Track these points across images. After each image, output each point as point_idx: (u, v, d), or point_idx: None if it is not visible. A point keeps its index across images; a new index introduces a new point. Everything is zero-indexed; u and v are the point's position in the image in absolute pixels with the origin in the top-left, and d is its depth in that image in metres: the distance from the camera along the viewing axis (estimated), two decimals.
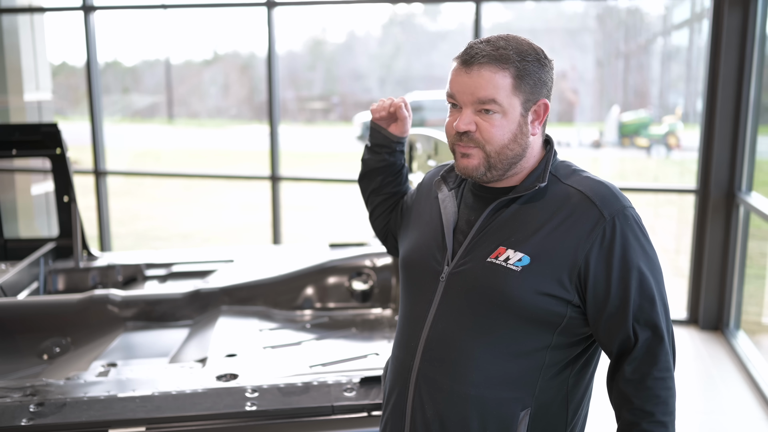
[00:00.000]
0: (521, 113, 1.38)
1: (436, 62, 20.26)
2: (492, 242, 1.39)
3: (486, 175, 1.41)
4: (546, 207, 1.39)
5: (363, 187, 1.91)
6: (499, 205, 1.43)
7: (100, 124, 5.47)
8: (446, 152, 2.62)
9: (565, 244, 1.34)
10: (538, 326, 1.36)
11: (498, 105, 1.36)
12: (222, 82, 22.61)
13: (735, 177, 4.44)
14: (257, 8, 5.06)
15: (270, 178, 5.15)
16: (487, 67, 1.36)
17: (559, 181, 1.42)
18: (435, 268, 1.45)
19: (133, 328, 2.68)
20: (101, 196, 5.57)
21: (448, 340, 1.40)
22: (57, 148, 3.28)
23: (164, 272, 3.32)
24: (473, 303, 1.38)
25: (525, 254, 1.35)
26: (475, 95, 1.36)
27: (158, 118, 21.62)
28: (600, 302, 1.34)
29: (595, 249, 1.33)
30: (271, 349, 2.37)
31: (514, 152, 1.40)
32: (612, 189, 1.38)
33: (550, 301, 1.34)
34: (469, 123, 1.38)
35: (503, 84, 1.36)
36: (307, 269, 2.81)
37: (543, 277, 1.33)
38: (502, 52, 1.36)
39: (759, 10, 4.20)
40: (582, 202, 1.37)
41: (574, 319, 1.37)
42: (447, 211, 1.49)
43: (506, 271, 1.35)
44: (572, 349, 1.41)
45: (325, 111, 21.43)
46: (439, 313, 1.42)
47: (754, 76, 4.25)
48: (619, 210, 1.35)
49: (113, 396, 1.96)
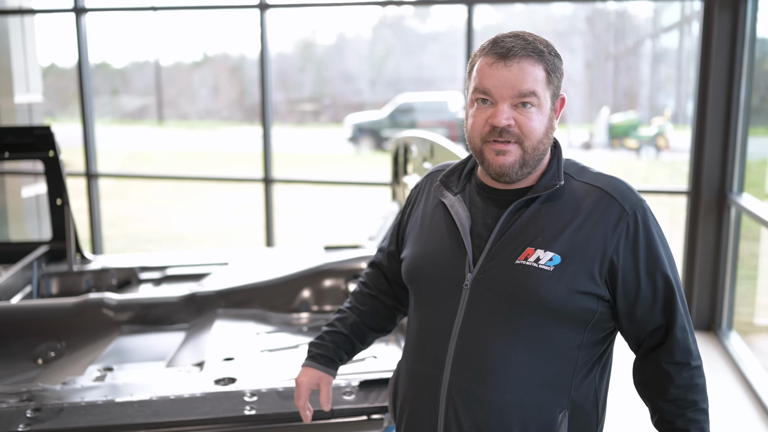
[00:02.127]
0: (550, 107, 1.40)
1: (426, 64, 20.29)
2: (517, 244, 1.37)
3: (518, 172, 1.39)
4: (567, 205, 1.39)
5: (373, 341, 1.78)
6: (518, 206, 1.41)
7: (91, 126, 5.44)
8: (443, 155, 2.62)
9: (593, 240, 1.34)
10: (571, 324, 1.36)
11: (537, 98, 1.35)
12: (212, 83, 22.55)
13: (726, 178, 4.47)
14: (248, 10, 5.06)
15: (263, 180, 5.14)
16: (526, 60, 1.35)
17: (572, 178, 1.43)
18: (454, 276, 1.41)
19: (129, 332, 2.67)
20: (93, 198, 5.54)
21: (480, 349, 1.37)
22: (50, 150, 3.26)
23: (159, 275, 3.30)
24: (504, 308, 1.36)
25: (555, 253, 1.34)
26: (516, 88, 1.34)
27: (148, 119, 21.53)
28: (631, 295, 1.36)
29: (622, 243, 1.35)
30: (268, 352, 2.36)
31: (545, 146, 1.40)
32: (625, 183, 1.41)
33: (583, 298, 1.34)
34: (509, 117, 1.35)
35: (540, 77, 1.36)
36: (303, 272, 2.80)
37: (576, 274, 1.34)
38: (535, 45, 1.36)
39: (749, 12, 4.23)
40: (603, 197, 1.38)
41: (603, 314, 1.38)
42: (459, 216, 1.44)
43: (538, 272, 1.34)
44: (599, 347, 1.42)
45: (316, 113, 21.41)
46: (467, 321, 1.39)
47: (744, 78, 4.29)
48: (638, 203, 1.38)
49: (111, 401, 1.95)
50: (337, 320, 1.71)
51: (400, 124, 15.56)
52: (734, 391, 3.80)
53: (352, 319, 1.71)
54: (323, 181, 6.64)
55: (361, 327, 1.70)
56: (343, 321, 1.70)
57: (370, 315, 1.72)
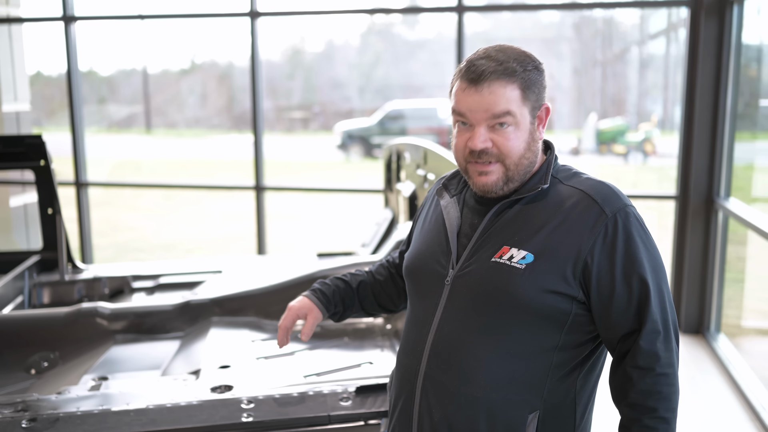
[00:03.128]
0: (530, 121, 1.41)
1: (415, 71, 20.37)
2: (496, 243, 1.41)
3: (504, 188, 1.43)
4: (548, 206, 1.41)
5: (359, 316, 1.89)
6: (502, 207, 1.44)
7: (81, 135, 5.43)
8: (436, 161, 2.64)
9: (568, 241, 1.35)
10: (545, 325, 1.37)
11: (512, 117, 1.38)
12: (200, 91, 22.51)
13: (713, 183, 4.52)
14: (238, 18, 5.07)
15: (255, 188, 5.14)
16: (496, 82, 1.37)
17: (560, 182, 1.45)
18: (440, 273, 1.47)
19: (123, 341, 2.66)
20: (83, 207, 5.52)
21: (454, 343, 1.41)
22: (41, 159, 3.25)
23: (152, 284, 3.30)
24: (479, 304, 1.39)
25: (528, 252, 1.36)
26: (489, 111, 1.37)
27: (136, 128, 21.45)
28: (604, 298, 1.36)
29: (598, 245, 1.35)
30: (264, 359, 2.36)
31: (529, 160, 1.43)
32: (613, 188, 1.41)
33: (555, 297, 1.35)
34: (485, 140, 1.39)
35: (513, 96, 1.38)
36: (298, 279, 2.80)
37: (547, 273, 1.35)
38: (507, 65, 1.38)
39: (734, 19, 4.29)
40: (583, 200, 1.39)
41: (580, 317, 1.38)
42: (450, 216, 1.51)
43: (510, 269, 1.36)
44: (580, 350, 1.42)
45: (305, 120, 21.42)
46: (445, 316, 1.43)
47: (731, 85, 4.34)
48: (621, 208, 1.37)
49: (107, 410, 1.94)
50: (350, 274, 1.83)
51: (390, 131, 15.59)
52: (723, 392, 3.84)
53: (363, 278, 1.81)
54: (315, 189, 6.66)
55: (369, 290, 1.80)
56: (355, 276, 1.82)
57: (381, 284, 1.80)
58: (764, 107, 4.85)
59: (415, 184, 2.97)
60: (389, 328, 2.64)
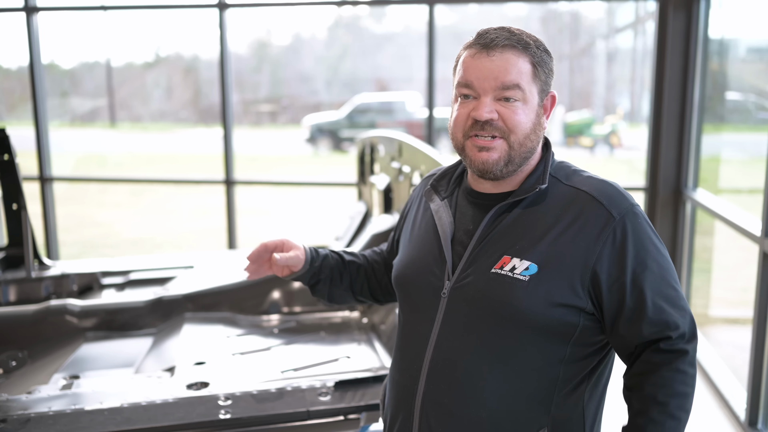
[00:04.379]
0: (538, 103, 1.32)
1: (383, 64, 20.34)
2: (495, 251, 1.30)
3: (503, 170, 1.32)
4: (550, 210, 1.30)
5: (343, 301, 1.71)
6: (499, 211, 1.33)
7: (45, 129, 5.30)
8: (411, 154, 2.63)
9: (575, 248, 1.25)
10: (550, 339, 1.27)
11: (521, 91, 1.28)
12: (165, 84, 22.19)
13: (681, 174, 4.59)
14: (204, 10, 4.98)
15: (225, 182, 5.07)
16: (509, 50, 1.29)
17: (559, 182, 1.34)
18: (434, 284, 1.35)
19: (94, 338, 2.60)
20: (47, 203, 5.39)
21: (454, 361, 1.30)
22: (5, 154, 3.16)
23: (121, 280, 3.23)
24: (479, 318, 1.29)
25: (532, 262, 1.26)
26: (499, 80, 1.28)
27: (100, 122, 21.06)
28: (616, 306, 1.26)
29: (607, 250, 1.25)
30: (240, 355, 2.33)
31: (532, 144, 1.33)
32: (617, 188, 1.31)
33: (562, 311, 1.25)
34: (491, 111, 1.28)
35: (525, 69, 1.29)
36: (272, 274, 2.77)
37: (553, 285, 1.24)
38: (521, 38, 1.30)
39: (701, 13, 4.35)
40: (589, 202, 1.29)
41: (587, 328, 1.28)
42: (442, 222, 1.39)
43: (513, 281, 1.26)
44: (587, 361, 1.32)
45: (273, 114, 21.26)
46: (443, 332, 1.32)
47: (698, 77, 4.40)
48: (628, 208, 1.28)
49: (80, 409, 1.90)
50: (345, 251, 1.68)
51: (359, 124, 15.56)
52: None
53: (358, 260, 1.66)
54: (287, 182, 6.59)
55: (362, 272, 1.66)
56: (350, 254, 1.67)
57: (374, 272, 1.67)
58: (729, 100, 4.94)
59: (389, 177, 2.96)
60: (365, 321, 2.63)
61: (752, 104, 4.98)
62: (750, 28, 4.88)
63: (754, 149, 5.13)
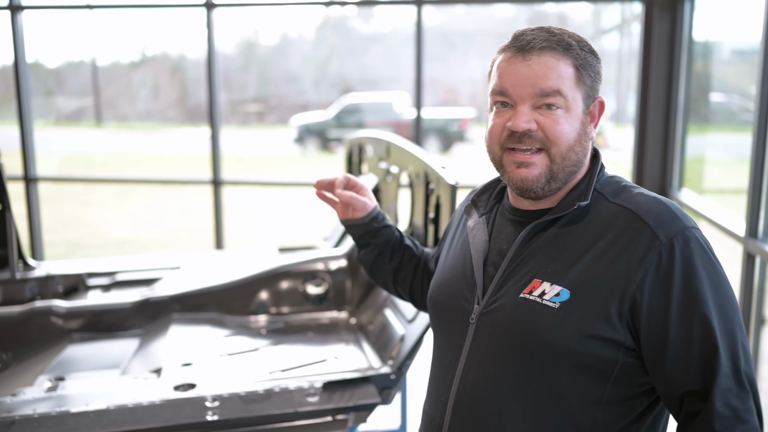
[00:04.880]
0: (583, 110, 1.19)
1: (370, 65, 20.34)
2: (526, 274, 1.17)
3: (545, 187, 1.19)
4: (589, 230, 1.16)
5: (383, 281, 1.66)
6: (535, 229, 1.20)
7: (30, 128, 5.25)
8: (399, 154, 2.63)
9: (613, 274, 1.10)
10: (586, 376, 1.12)
11: (563, 98, 1.15)
12: (151, 84, 22.08)
13: (667, 175, 4.62)
14: (191, 9, 4.96)
15: (212, 182, 5.05)
16: (548, 53, 1.16)
17: (605, 199, 1.19)
18: (464, 308, 1.24)
19: (79, 339, 2.58)
20: (32, 203, 5.35)
21: (479, 395, 1.18)
22: None
23: (107, 281, 3.21)
24: (506, 349, 1.16)
25: (564, 287, 1.12)
26: (537, 86, 1.15)
27: (85, 121, 20.92)
28: (657, 344, 1.09)
29: (650, 278, 1.09)
30: (227, 356, 2.32)
31: (578, 157, 1.19)
32: (670, 206, 1.14)
33: (596, 344, 1.10)
34: (529, 120, 1.16)
35: (567, 73, 1.16)
36: (260, 274, 2.77)
37: (586, 314, 1.10)
38: (561, 38, 1.17)
39: (686, 15, 4.39)
40: (632, 222, 1.13)
41: (629, 366, 1.12)
42: (476, 241, 1.28)
43: (542, 308, 1.12)
44: (633, 404, 1.15)
45: (260, 114, 21.21)
46: (470, 361, 1.20)
47: (683, 78, 4.44)
48: (679, 231, 1.11)
49: (66, 411, 1.88)
50: (408, 236, 1.65)
51: (347, 124, 15.55)
52: None
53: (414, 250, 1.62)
54: (275, 183, 6.58)
55: (412, 263, 1.61)
56: (411, 239, 1.64)
57: (423, 270, 1.61)
58: (714, 102, 4.99)
59: (377, 177, 2.96)
60: (353, 322, 2.63)
61: (736, 106, 5.04)
62: (733, 31, 4.93)
63: (738, 150, 5.18)
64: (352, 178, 1.57)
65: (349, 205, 1.54)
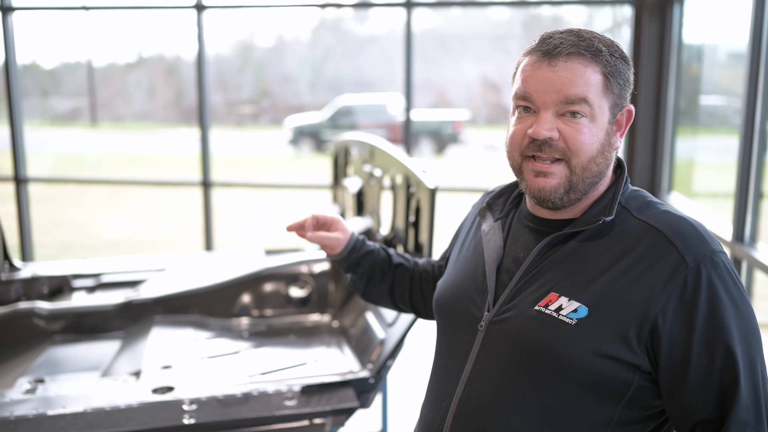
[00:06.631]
0: (609, 119, 1.14)
1: (366, 66, 20.36)
2: (543, 286, 1.13)
3: (563, 198, 1.15)
4: (612, 247, 1.11)
5: (380, 302, 1.65)
6: (555, 241, 1.16)
7: (20, 129, 5.24)
8: (382, 158, 2.63)
9: (635, 295, 1.06)
10: (597, 396, 1.08)
11: (588, 106, 1.11)
12: (147, 85, 22.06)
13: (656, 178, 4.63)
14: (184, 11, 4.96)
15: (201, 183, 5.05)
16: (576, 59, 1.11)
17: (630, 215, 1.15)
18: (473, 314, 1.21)
19: (61, 341, 2.58)
20: (22, 204, 5.34)
21: (484, 405, 1.14)
22: None
23: (92, 283, 3.20)
24: (516, 361, 1.12)
25: (582, 304, 1.08)
26: (562, 93, 1.11)
27: (81, 122, 20.90)
28: (677, 371, 1.05)
29: (673, 302, 1.05)
30: (208, 359, 2.32)
31: (599, 168, 1.15)
32: (698, 228, 1.10)
33: (612, 364, 1.06)
34: (551, 128, 1.12)
35: (594, 81, 1.11)
36: (243, 276, 2.76)
37: (604, 333, 1.06)
38: (591, 43, 1.12)
39: (675, 18, 4.40)
40: (659, 242, 1.09)
41: (643, 389, 1.09)
42: (490, 246, 1.25)
43: (557, 323, 1.09)
44: (640, 427, 1.12)
45: (255, 115, 21.21)
46: (476, 369, 1.17)
47: (672, 82, 4.45)
48: (707, 255, 1.07)
49: (42, 414, 1.88)
50: (395, 252, 1.63)
51: (341, 126, 15.55)
52: None
53: (406, 264, 1.59)
54: (263, 185, 6.57)
55: (407, 278, 1.59)
56: (399, 256, 1.61)
57: (421, 281, 1.59)
58: (704, 105, 5.00)
59: (362, 180, 2.96)
60: (336, 325, 2.63)
61: (732, 108, 5.04)
62: (729, 34, 4.94)
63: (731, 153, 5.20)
64: (321, 216, 1.56)
65: (323, 246, 1.54)
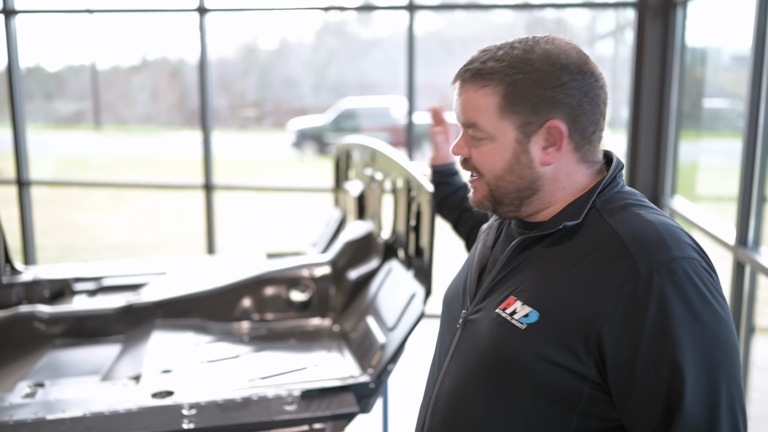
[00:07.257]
0: (516, 139, 1.11)
1: (369, 69, 20.37)
2: (506, 289, 1.14)
3: (497, 209, 1.18)
4: (571, 252, 1.08)
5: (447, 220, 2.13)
6: (524, 244, 1.16)
7: (23, 132, 5.25)
8: (384, 162, 2.62)
9: (583, 303, 1.02)
10: (553, 404, 1.05)
11: (481, 130, 1.12)
12: (151, 88, 22.11)
13: (659, 181, 4.61)
14: (188, 14, 4.96)
15: (204, 187, 5.05)
16: (469, 84, 1.12)
17: (602, 218, 1.09)
18: (457, 312, 1.24)
19: (62, 345, 2.57)
20: (24, 207, 5.34)
21: (450, 402, 1.16)
22: None
23: (94, 286, 3.19)
24: (480, 362, 1.12)
25: (534, 309, 1.07)
26: (461, 117, 1.15)
27: (84, 124, 20.94)
28: (623, 385, 1.00)
29: (620, 312, 0.99)
30: (208, 363, 2.31)
31: (515, 185, 1.13)
32: (662, 233, 1.02)
33: (558, 371, 1.03)
34: (461, 147, 1.17)
35: (486, 104, 1.10)
36: (244, 280, 2.76)
37: (551, 340, 1.03)
38: (491, 64, 1.09)
39: (678, 21, 4.38)
40: (615, 248, 1.03)
41: (597, 399, 1.04)
42: (481, 245, 1.28)
43: (510, 327, 1.08)
44: None
45: (258, 118, 21.23)
46: (450, 366, 1.18)
47: (676, 85, 4.43)
48: (662, 263, 0.99)
49: (41, 418, 1.87)
50: None
51: (344, 129, 15.56)
52: None
53: None
54: (265, 188, 6.58)
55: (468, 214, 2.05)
56: None
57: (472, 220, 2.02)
58: (707, 108, 4.98)
59: (363, 184, 2.95)
60: (337, 329, 2.62)
61: (731, 111, 5.03)
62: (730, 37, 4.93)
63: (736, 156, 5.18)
64: (442, 116, 2.05)
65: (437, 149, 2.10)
